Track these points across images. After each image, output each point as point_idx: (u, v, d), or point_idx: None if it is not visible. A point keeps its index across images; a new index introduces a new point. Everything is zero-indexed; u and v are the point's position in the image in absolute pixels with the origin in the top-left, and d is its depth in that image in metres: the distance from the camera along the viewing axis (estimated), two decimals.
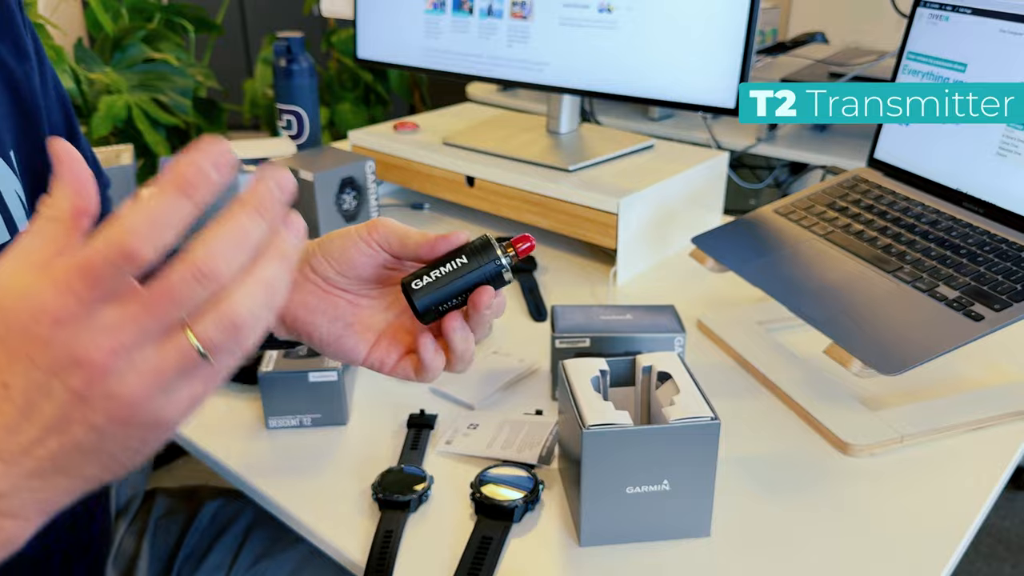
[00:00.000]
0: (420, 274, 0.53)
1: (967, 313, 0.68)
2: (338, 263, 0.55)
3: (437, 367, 0.54)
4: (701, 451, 0.60)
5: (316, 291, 0.56)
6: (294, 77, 1.28)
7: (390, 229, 0.54)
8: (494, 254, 0.53)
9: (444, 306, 0.53)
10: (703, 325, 0.91)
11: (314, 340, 0.56)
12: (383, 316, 0.57)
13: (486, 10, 1.12)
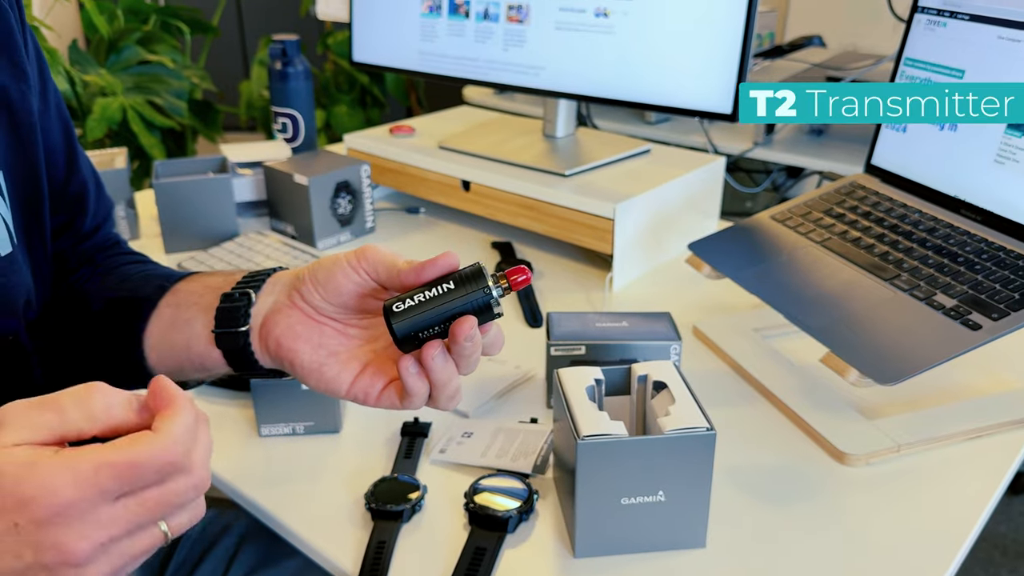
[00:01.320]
0: (403, 297, 0.50)
1: (964, 322, 0.68)
2: (325, 290, 0.54)
3: (420, 392, 0.51)
4: (697, 462, 0.60)
5: (302, 318, 0.54)
6: (289, 80, 1.28)
7: (378, 256, 0.52)
8: (484, 284, 0.50)
9: (425, 333, 0.50)
10: (699, 332, 0.90)
11: (296, 368, 0.54)
12: (370, 347, 0.55)
13: (482, 14, 1.11)
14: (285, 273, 0.58)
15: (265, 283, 0.57)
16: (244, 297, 0.56)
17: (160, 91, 1.96)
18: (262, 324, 0.55)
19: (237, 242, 1.09)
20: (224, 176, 1.10)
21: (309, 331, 0.54)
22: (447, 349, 0.50)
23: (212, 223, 1.10)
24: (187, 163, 1.16)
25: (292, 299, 0.55)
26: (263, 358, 0.56)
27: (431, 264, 0.51)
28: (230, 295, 0.56)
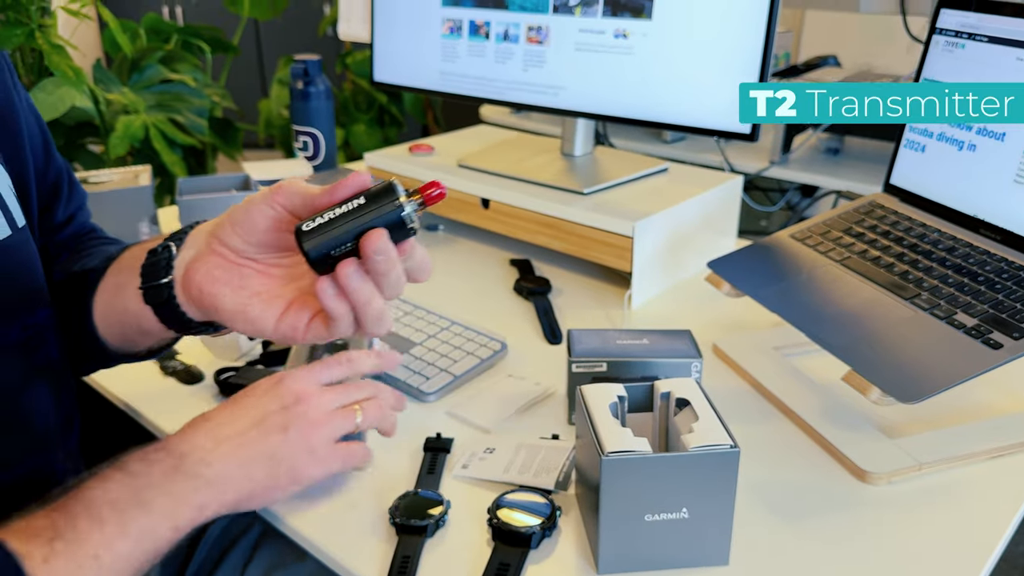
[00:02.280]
0: (313, 217, 0.49)
1: (986, 341, 0.68)
2: (243, 229, 0.54)
3: (342, 314, 0.51)
4: (720, 479, 0.60)
5: (221, 262, 0.55)
6: (311, 99, 1.30)
7: (292, 187, 0.52)
8: (395, 197, 0.49)
9: (338, 251, 0.49)
10: (719, 350, 0.91)
11: (220, 313, 0.54)
12: (294, 285, 0.55)
13: (502, 35, 1.13)
14: (206, 224, 0.58)
15: (188, 236, 0.57)
16: (165, 251, 0.57)
17: (181, 109, 1.99)
18: (184, 274, 0.56)
19: None
20: (246, 193, 1.12)
21: (229, 274, 0.54)
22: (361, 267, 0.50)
23: None
24: (210, 180, 1.18)
25: (211, 246, 0.55)
26: (190, 309, 0.57)
27: (342, 184, 0.50)
28: (154, 250, 0.57)
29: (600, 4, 1.03)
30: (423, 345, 0.89)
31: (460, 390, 0.84)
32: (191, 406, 0.82)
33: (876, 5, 1.48)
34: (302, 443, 0.59)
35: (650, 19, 1.00)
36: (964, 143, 0.84)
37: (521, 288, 1.06)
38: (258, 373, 0.84)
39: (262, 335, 0.55)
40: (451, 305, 0.98)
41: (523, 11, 1.10)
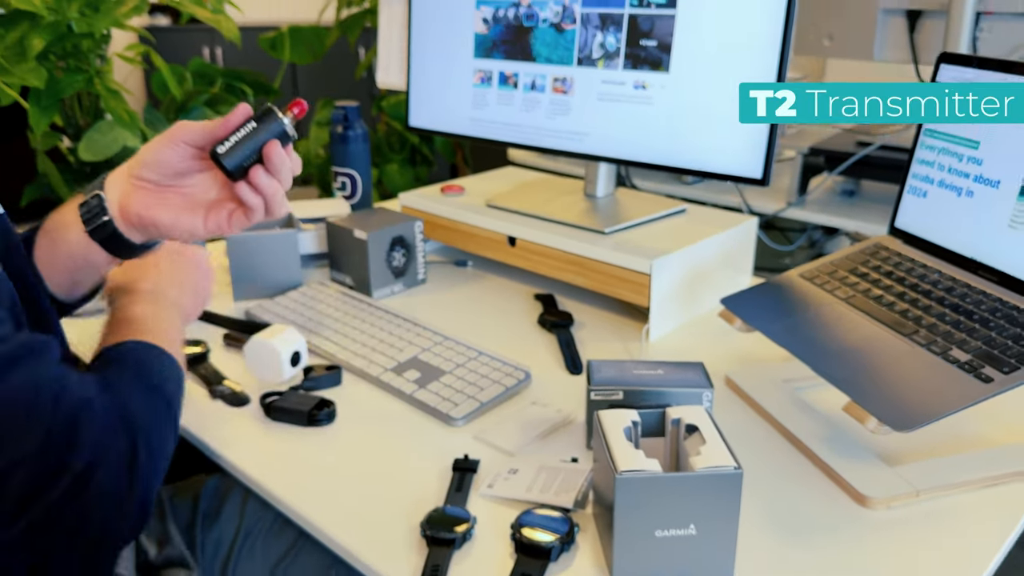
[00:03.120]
0: (222, 142, 0.69)
1: (978, 375, 0.73)
2: (157, 167, 0.72)
3: (257, 205, 0.72)
4: (725, 498, 0.65)
5: (149, 192, 0.73)
6: (350, 143, 1.38)
7: (190, 127, 0.71)
8: (277, 117, 0.70)
9: (247, 162, 0.69)
10: (731, 382, 0.96)
11: (160, 228, 0.73)
12: (207, 195, 0.74)
13: (530, 85, 1.21)
14: (115, 172, 0.75)
15: (105, 185, 0.74)
16: (96, 198, 0.73)
17: None
18: (120, 210, 0.73)
19: (300, 291, 1.18)
20: (291, 231, 1.20)
21: (157, 200, 0.73)
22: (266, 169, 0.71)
23: (278, 274, 1.20)
24: None
25: (133, 184, 0.73)
26: (132, 234, 0.74)
27: (232, 116, 0.70)
28: (85, 202, 0.74)
29: (621, 57, 1.11)
30: (452, 373, 0.96)
31: (486, 415, 0.90)
32: (238, 426, 0.89)
33: (889, 54, 1.55)
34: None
35: (667, 72, 1.07)
36: (963, 189, 0.90)
37: (545, 321, 1.12)
38: (300, 397, 0.91)
39: (196, 237, 0.74)
40: (479, 336, 1.04)
41: (549, 63, 1.18)
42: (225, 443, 0.86)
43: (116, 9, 1.71)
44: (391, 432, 0.88)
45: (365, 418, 0.91)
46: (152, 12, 4.31)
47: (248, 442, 0.87)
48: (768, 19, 0.99)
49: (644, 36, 1.08)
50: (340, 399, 0.92)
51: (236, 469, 0.83)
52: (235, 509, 0.89)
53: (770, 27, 0.99)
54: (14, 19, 1.68)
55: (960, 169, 0.90)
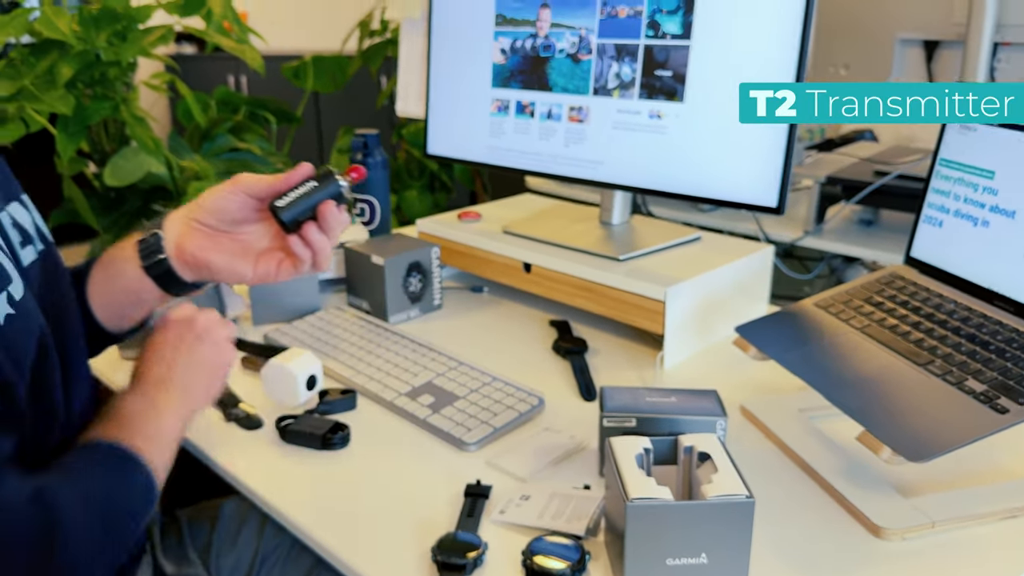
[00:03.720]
0: (282, 196, 0.74)
1: (993, 406, 0.72)
2: (216, 213, 0.76)
3: (307, 258, 0.76)
4: (737, 527, 0.65)
5: (205, 236, 0.77)
6: (369, 170, 1.40)
7: (252, 179, 0.76)
8: (335, 179, 0.75)
9: (302, 217, 0.74)
10: (746, 411, 0.96)
11: (212, 271, 0.78)
12: (259, 243, 0.79)
13: (546, 114, 1.22)
14: (174, 213, 0.80)
15: (163, 224, 0.79)
16: (155, 236, 0.78)
17: None
18: (176, 249, 0.78)
19: (318, 316, 1.19)
20: None
21: (212, 244, 0.77)
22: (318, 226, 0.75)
23: (297, 299, 1.21)
24: None
25: (191, 226, 0.78)
26: (185, 273, 0.78)
27: (293, 173, 0.75)
28: (143, 239, 0.78)
29: (636, 87, 1.12)
30: (466, 399, 0.96)
31: (499, 441, 0.90)
32: (252, 449, 0.90)
33: (905, 76, 1.55)
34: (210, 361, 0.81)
35: (682, 102, 1.08)
36: (978, 219, 0.90)
37: (559, 347, 1.13)
38: (315, 420, 0.92)
39: (244, 282, 0.79)
40: (493, 362, 1.05)
41: (565, 93, 1.20)
42: (239, 465, 0.87)
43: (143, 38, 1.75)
44: (404, 456, 0.89)
45: (379, 442, 0.91)
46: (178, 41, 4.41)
47: (262, 465, 0.88)
48: (782, 49, 1.00)
49: (659, 66, 1.10)
50: (354, 423, 0.93)
51: (250, 491, 0.84)
52: (253, 533, 0.89)
53: (784, 57, 1.00)
54: (44, 48, 1.72)
55: (975, 199, 0.90)
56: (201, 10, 1.96)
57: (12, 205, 0.74)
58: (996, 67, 1.40)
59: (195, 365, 0.78)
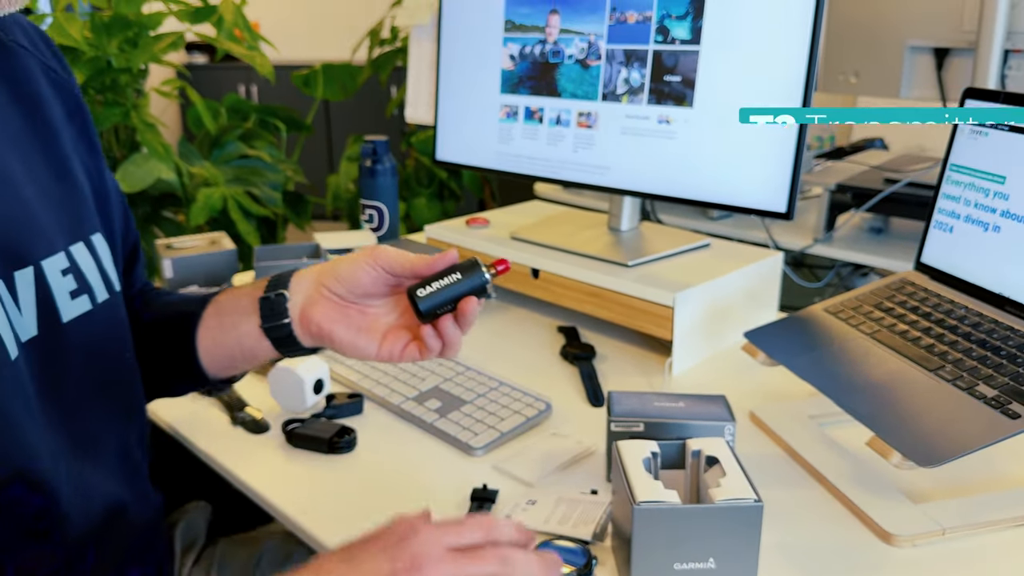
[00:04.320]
0: (423, 284, 0.69)
1: (1005, 411, 0.72)
2: (349, 284, 0.71)
3: (436, 348, 0.71)
4: (745, 531, 0.64)
5: (333, 305, 0.72)
6: (378, 176, 1.41)
7: (391, 255, 0.70)
8: (481, 272, 0.70)
9: (440, 310, 0.69)
10: (755, 417, 0.95)
11: (335, 344, 0.72)
12: (387, 319, 0.73)
13: (555, 120, 1.22)
14: (304, 272, 0.74)
15: (291, 283, 0.73)
16: (280, 297, 0.73)
17: (257, 183, 2.14)
18: (301, 314, 0.73)
19: None
20: (317, 261, 1.22)
21: (340, 315, 0.72)
22: (455, 319, 0.70)
23: None
24: (284, 249, 1.28)
25: (321, 292, 0.72)
26: (304, 340, 0.73)
27: (440, 259, 0.70)
28: (267, 298, 0.73)
29: (645, 93, 1.12)
30: (473, 403, 0.96)
31: (506, 446, 0.90)
32: (258, 453, 0.90)
33: (916, 92, 1.54)
34: None
35: (691, 107, 1.08)
36: (989, 225, 0.89)
37: (567, 353, 1.12)
38: (322, 424, 0.92)
39: (366, 358, 0.72)
40: (501, 367, 1.04)
41: (574, 98, 1.20)
42: (246, 468, 0.87)
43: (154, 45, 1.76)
44: (411, 461, 0.88)
45: (386, 446, 0.91)
46: (189, 51, 4.44)
47: (269, 469, 0.87)
48: (792, 55, 1.00)
49: (668, 72, 1.10)
50: (361, 427, 0.93)
51: (255, 494, 0.83)
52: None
53: (794, 63, 1.00)
54: None
55: (986, 204, 0.89)
56: (212, 17, 1.97)
57: (76, 246, 0.68)
58: (1007, 74, 1.40)
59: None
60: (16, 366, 0.59)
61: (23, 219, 0.63)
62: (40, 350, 0.63)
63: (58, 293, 0.65)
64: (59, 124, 0.71)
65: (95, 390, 0.69)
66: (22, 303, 0.62)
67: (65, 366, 0.65)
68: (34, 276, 0.63)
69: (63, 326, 0.65)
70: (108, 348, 0.71)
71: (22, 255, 0.62)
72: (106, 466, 0.70)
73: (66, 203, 0.69)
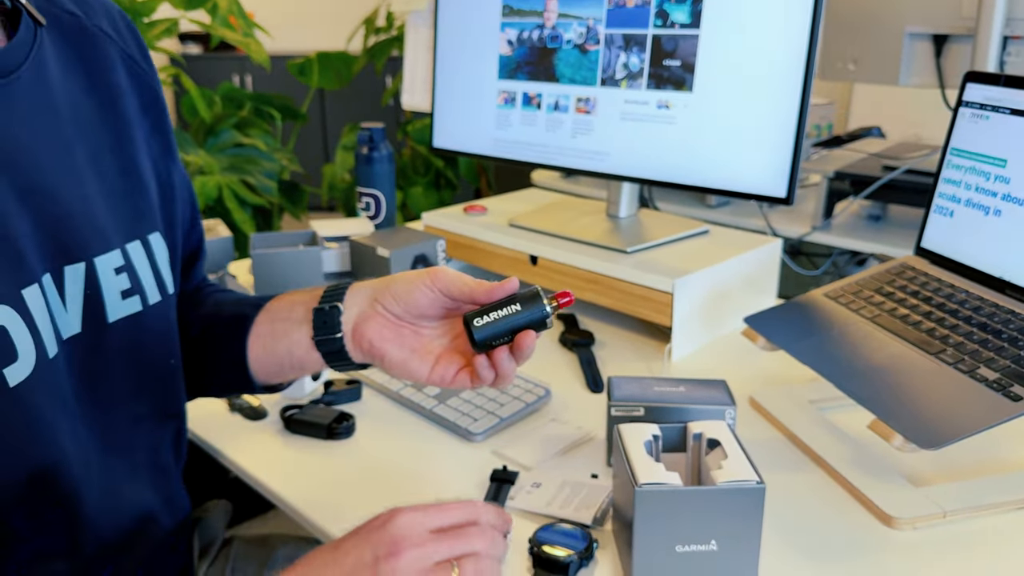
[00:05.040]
0: (481, 313, 0.66)
1: (1006, 394, 0.72)
2: (405, 304, 0.69)
3: (489, 379, 0.67)
4: (747, 514, 0.64)
5: (387, 324, 0.69)
6: (374, 163, 1.40)
7: (451, 278, 0.68)
8: (542, 304, 0.66)
9: (496, 341, 0.66)
10: (755, 402, 0.95)
11: (386, 363, 0.69)
12: (440, 342, 0.71)
13: (553, 105, 1.22)
14: (360, 286, 0.72)
15: (346, 296, 0.71)
16: (334, 310, 0.70)
17: (253, 171, 2.13)
18: (353, 329, 0.70)
19: None
20: (314, 248, 1.21)
21: (393, 334, 0.69)
22: (510, 350, 0.66)
23: None
24: (280, 236, 1.27)
25: (376, 309, 0.70)
26: (355, 355, 0.71)
27: (499, 288, 0.67)
28: (320, 309, 0.71)
29: (644, 77, 1.12)
30: (472, 389, 0.95)
31: (506, 431, 0.90)
32: (256, 440, 0.89)
33: (915, 79, 1.54)
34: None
35: (691, 92, 1.08)
36: (990, 208, 0.89)
37: (566, 340, 1.12)
38: (320, 410, 0.91)
39: (416, 380, 0.70)
40: None
41: (573, 84, 1.19)
42: (244, 455, 0.87)
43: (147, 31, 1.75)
44: (410, 447, 0.88)
45: (384, 432, 0.91)
46: (184, 41, 4.42)
47: (267, 455, 0.87)
48: (792, 39, 0.99)
49: (668, 56, 1.09)
50: (360, 413, 0.92)
51: (254, 480, 0.83)
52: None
53: (794, 47, 0.99)
54: None
55: (987, 188, 0.89)
56: (207, 4, 1.95)
57: (132, 244, 0.66)
58: (1006, 61, 1.39)
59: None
60: (54, 364, 0.58)
61: (81, 213, 0.61)
62: (81, 348, 0.61)
63: (108, 292, 0.63)
64: (133, 117, 0.69)
65: (133, 393, 0.67)
66: (68, 299, 0.60)
67: (105, 366, 0.64)
68: (85, 272, 0.62)
69: (108, 326, 0.64)
70: (153, 351, 0.70)
71: (75, 250, 0.61)
72: (136, 470, 0.69)
73: (128, 199, 0.67)
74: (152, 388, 0.70)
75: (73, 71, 0.64)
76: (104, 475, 0.64)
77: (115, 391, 0.65)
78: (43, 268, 0.58)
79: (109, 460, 0.64)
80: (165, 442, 0.73)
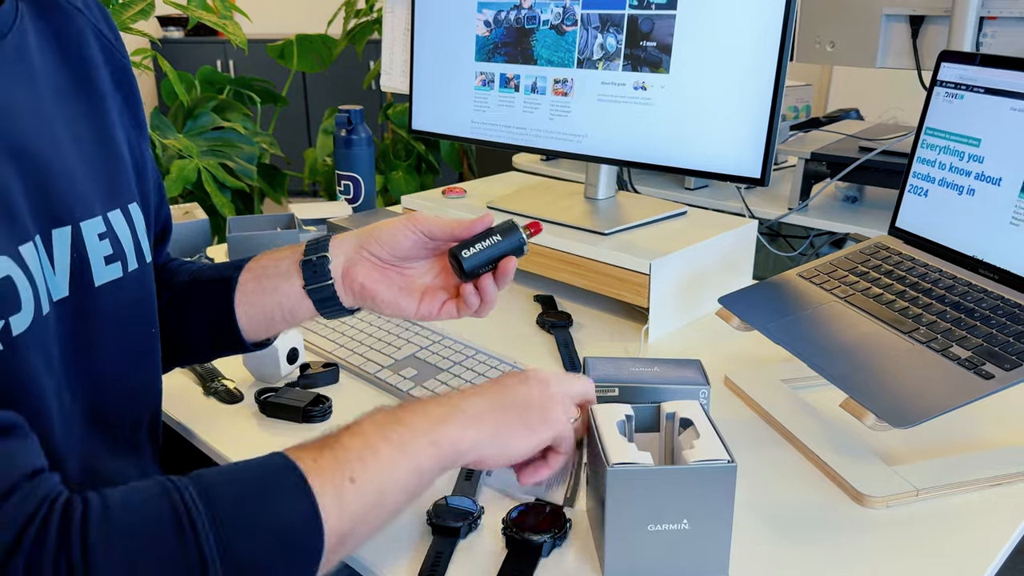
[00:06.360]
0: (466, 246, 0.74)
1: (978, 372, 0.72)
2: (391, 248, 0.76)
3: (475, 305, 0.76)
4: (718, 492, 0.64)
5: (374, 267, 0.76)
6: (353, 146, 1.39)
7: (430, 220, 0.76)
8: (519, 233, 0.76)
9: (482, 269, 0.75)
10: (730, 382, 0.95)
11: (377, 303, 0.77)
12: (422, 280, 0.79)
13: (530, 87, 1.21)
14: (342, 236, 0.78)
15: (329, 247, 0.77)
16: (322, 259, 0.76)
17: (232, 155, 2.11)
18: (344, 275, 0.76)
19: None
20: (292, 231, 1.20)
21: (381, 275, 0.77)
22: (494, 276, 0.75)
23: None
24: (258, 219, 1.26)
25: (362, 255, 0.76)
26: (346, 299, 0.77)
27: (476, 222, 0.75)
28: (308, 260, 0.76)
29: (621, 59, 1.11)
30: (449, 371, 0.95)
31: None
32: (231, 424, 0.89)
33: (891, 61, 1.54)
34: (546, 402, 0.69)
35: (668, 73, 1.07)
36: (964, 188, 0.89)
37: (544, 322, 1.12)
38: (296, 393, 0.91)
39: (406, 317, 0.77)
40: (477, 336, 1.04)
41: (550, 65, 1.18)
42: (219, 439, 0.86)
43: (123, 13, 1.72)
44: None
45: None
46: (164, 25, 4.36)
47: (243, 438, 0.86)
48: (767, 20, 0.99)
49: (644, 37, 1.08)
50: (337, 396, 0.92)
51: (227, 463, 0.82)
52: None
53: (769, 28, 0.99)
54: None
55: (961, 167, 0.89)
56: None
57: (113, 213, 0.67)
58: (982, 41, 1.40)
59: (506, 403, 0.67)
60: (46, 321, 0.59)
61: (64, 178, 0.62)
62: (69, 311, 0.62)
63: (93, 256, 0.65)
64: (107, 91, 0.70)
65: (118, 360, 0.68)
66: (57, 262, 0.61)
67: (92, 331, 0.65)
68: (71, 236, 0.62)
69: (95, 290, 0.65)
70: (136, 317, 0.71)
71: (61, 214, 0.62)
72: (116, 446, 0.69)
73: (107, 169, 0.68)
74: (134, 357, 0.71)
75: (49, 44, 0.65)
76: (85, 446, 0.64)
77: (99, 358, 0.66)
78: (34, 229, 0.59)
79: (91, 431, 0.65)
80: (143, 422, 0.73)
